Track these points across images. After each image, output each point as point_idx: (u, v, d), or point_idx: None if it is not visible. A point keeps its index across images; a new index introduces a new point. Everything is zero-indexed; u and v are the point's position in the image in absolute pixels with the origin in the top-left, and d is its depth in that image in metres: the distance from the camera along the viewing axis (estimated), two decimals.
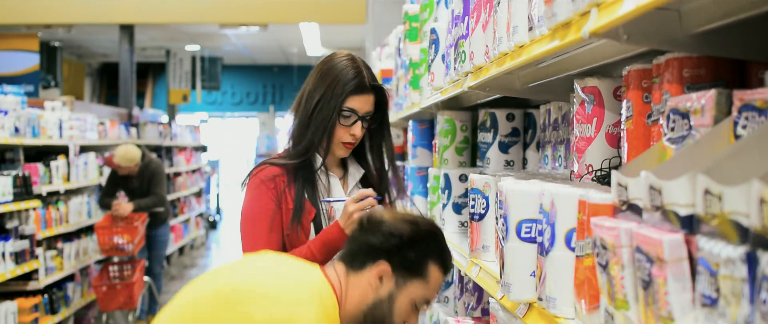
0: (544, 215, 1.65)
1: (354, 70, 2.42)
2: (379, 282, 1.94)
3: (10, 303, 6.02)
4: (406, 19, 3.74)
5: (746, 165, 1.03)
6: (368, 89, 2.43)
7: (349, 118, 2.41)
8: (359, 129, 2.42)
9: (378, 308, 1.95)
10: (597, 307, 1.40)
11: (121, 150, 7.40)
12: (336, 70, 2.43)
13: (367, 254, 1.96)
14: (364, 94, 2.42)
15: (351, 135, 2.42)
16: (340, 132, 2.42)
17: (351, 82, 2.41)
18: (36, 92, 10.45)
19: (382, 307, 1.95)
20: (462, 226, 2.98)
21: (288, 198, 2.39)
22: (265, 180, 2.38)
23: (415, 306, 1.98)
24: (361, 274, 1.96)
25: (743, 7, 1.24)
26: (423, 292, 1.97)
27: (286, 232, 2.37)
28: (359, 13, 10.19)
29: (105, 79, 18.61)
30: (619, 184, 1.31)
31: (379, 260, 1.94)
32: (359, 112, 2.42)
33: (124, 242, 7.27)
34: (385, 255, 1.94)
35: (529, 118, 2.81)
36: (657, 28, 1.38)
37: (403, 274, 1.95)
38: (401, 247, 1.95)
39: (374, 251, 1.95)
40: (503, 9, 1.96)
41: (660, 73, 1.47)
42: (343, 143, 2.44)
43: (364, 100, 2.42)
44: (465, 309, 2.97)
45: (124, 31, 11.58)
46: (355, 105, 2.41)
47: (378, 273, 1.94)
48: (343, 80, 2.41)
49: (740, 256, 0.90)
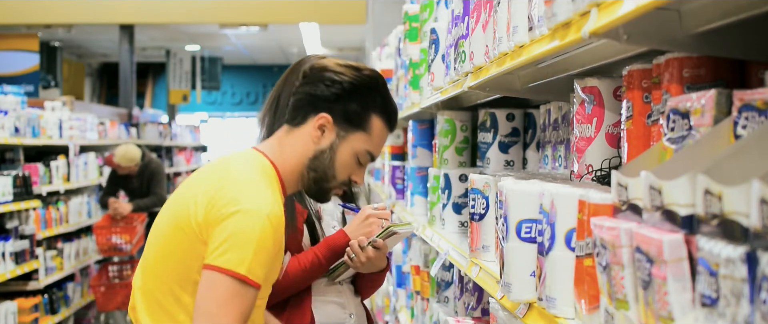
0: (544, 215, 1.65)
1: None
2: (320, 133, 1.94)
3: (10, 303, 6.02)
4: (406, 19, 3.74)
5: (746, 165, 1.03)
6: None
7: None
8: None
9: (319, 159, 1.95)
10: (597, 307, 1.40)
11: (122, 150, 7.39)
12: None
13: (309, 105, 1.95)
14: None
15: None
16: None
17: None
18: (36, 92, 10.45)
19: (323, 158, 1.95)
20: (462, 226, 2.98)
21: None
22: None
23: (358, 159, 1.97)
24: (302, 128, 1.95)
25: (743, 7, 1.24)
26: (365, 145, 1.97)
27: None
28: (359, 13, 10.19)
29: (105, 79, 18.62)
30: (619, 184, 1.31)
31: (320, 112, 1.94)
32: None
33: (122, 242, 7.27)
34: (326, 106, 1.94)
35: (529, 118, 2.81)
36: (657, 28, 1.38)
37: (344, 126, 1.94)
38: (342, 97, 1.94)
39: (315, 102, 1.94)
40: (503, 9, 1.96)
41: (660, 73, 1.47)
42: None
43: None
44: (465, 309, 2.97)
45: (124, 31, 11.58)
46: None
47: (318, 123, 1.94)
48: None
49: (740, 256, 0.90)
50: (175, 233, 1.86)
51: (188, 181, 1.97)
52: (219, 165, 1.94)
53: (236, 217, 1.77)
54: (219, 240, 1.76)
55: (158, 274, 1.89)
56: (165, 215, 1.93)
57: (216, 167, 1.93)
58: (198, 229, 1.81)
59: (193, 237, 1.81)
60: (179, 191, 1.96)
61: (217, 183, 1.84)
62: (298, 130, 1.96)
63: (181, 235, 1.84)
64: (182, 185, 1.99)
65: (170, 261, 1.87)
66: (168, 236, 1.88)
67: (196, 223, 1.81)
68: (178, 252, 1.86)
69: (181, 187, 1.98)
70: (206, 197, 1.82)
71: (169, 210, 1.93)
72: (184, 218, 1.83)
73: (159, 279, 1.88)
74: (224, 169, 1.90)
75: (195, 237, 1.81)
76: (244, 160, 1.94)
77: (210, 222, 1.79)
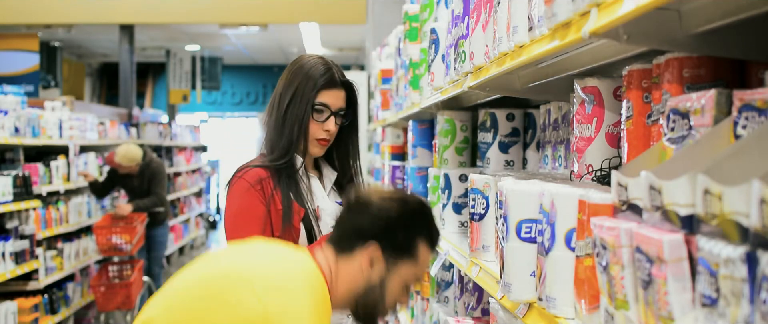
0: (544, 215, 1.65)
1: (324, 66, 2.46)
2: (370, 265, 1.90)
3: (10, 303, 6.02)
4: (406, 19, 3.74)
5: (746, 165, 1.03)
6: (339, 84, 2.47)
7: (322, 114, 2.44)
8: (333, 124, 2.45)
9: (370, 293, 1.91)
10: (597, 307, 1.40)
11: (123, 149, 7.39)
12: (306, 67, 2.46)
13: (356, 237, 1.91)
14: (335, 89, 2.45)
15: (325, 131, 2.44)
16: (314, 128, 2.44)
17: (322, 77, 2.44)
18: (36, 92, 10.45)
19: (374, 292, 1.91)
20: (462, 226, 2.98)
21: (276, 200, 2.39)
22: (253, 183, 2.38)
23: (406, 286, 1.95)
24: (350, 258, 1.91)
25: (743, 7, 1.24)
26: (414, 272, 1.94)
27: (278, 234, 2.37)
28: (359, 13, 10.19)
29: (105, 79, 18.61)
30: (619, 184, 1.31)
31: (368, 242, 1.89)
32: (332, 108, 2.44)
33: (122, 242, 7.27)
34: (374, 237, 1.90)
35: (529, 118, 2.81)
36: (657, 28, 1.38)
37: (393, 256, 1.91)
38: (390, 228, 1.90)
39: (363, 233, 1.90)
40: (503, 9, 1.96)
41: (660, 73, 1.47)
42: (318, 140, 2.45)
43: (336, 95, 2.45)
44: (465, 309, 2.97)
45: (124, 31, 11.58)
46: (328, 100, 2.44)
47: (368, 256, 1.90)
48: (314, 76, 2.44)
49: (740, 256, 0.90)
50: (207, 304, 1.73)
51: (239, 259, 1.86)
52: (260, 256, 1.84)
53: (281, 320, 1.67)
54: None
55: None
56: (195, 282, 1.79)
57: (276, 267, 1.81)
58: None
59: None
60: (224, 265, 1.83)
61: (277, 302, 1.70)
62: (346, 261, 1.91)
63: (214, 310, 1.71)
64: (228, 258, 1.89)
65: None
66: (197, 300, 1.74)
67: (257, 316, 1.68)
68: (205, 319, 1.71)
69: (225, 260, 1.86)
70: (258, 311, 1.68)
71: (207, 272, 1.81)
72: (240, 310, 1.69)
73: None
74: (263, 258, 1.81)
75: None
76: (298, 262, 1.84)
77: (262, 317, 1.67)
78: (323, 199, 2.49)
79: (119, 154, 7.36)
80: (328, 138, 2.46)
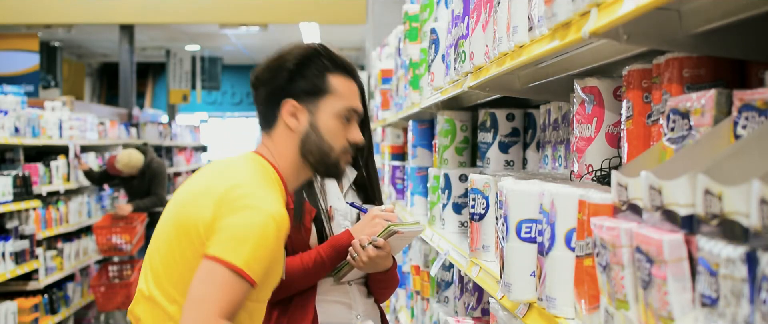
0: (544, 215, 1.65)
1: None
2: (295, 119, 1.96)
3: (10, 303, 6.02)
4: (406, 19, 3.74)
5: (746, 165, 1.03)
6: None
7: None
8: None
9: (308, 142, 1.97)
10: (597, 307, 1.40)
11: (125, 158, 7.36)
12: None
13: (270, 106, 1.98)
14: None
15: None
16: None
17: None
18: (36, 92, 10.45)
19: (311, 138, 1.97)
20: (462, 226, 2.98)
21: (288, 199, 2.39)
22: None
23: (342, 120, 1.99)
24: (277, 126, 1.98)
25: (743, 7, 1.24)
26: (339, 104, 1.98)
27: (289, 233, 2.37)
28: (359, 13, 10.19)
29: (105, 79, 18.62)
30: (619, 184, 1.31)
31: (281, 102, 1.96)
32: None
33: (122, 242, 7.28)
34: (283, 95, 1.96)
35: (529, 118, 2.81)
36: (657, 28, 1.38)
37: (309, 100, 1.96)
38: (292, 78, 1.96)
39: (273, 98, 1.97)
40: (503, 9, 1.96)
41: (660, 73, 1.47)
42: None
43: None
44: (465, 309, 2.97)
45: (124, 31, 11.58)
46: None
47: (288, 113, 1.96)
48: None
49: (740, 256, 0.90)
50: (180, 239, 1.85)
51: (189, 185, 1.97)
52: (223, 167, 1.95)
53: (242, 213, 1.78)
54: (221, 233, 1.78)
55: (163, 283, 1.88)
56: (168, 220, 1.92)
57: (220, 169, 1.94)
58: (205, 231, 1.81)
59: (198, 242, 1.82)
60: (181, 196, 1.95)
61: (223, 184, 1.84)
62: (276, 130, 1.98)
63: (187, 241, 1.84)
64: (183, 189, 1.98)
65: (176, 269, 1.86)
66: (172, 243, 1.87)
67: (204, 226, 1.81)
68: (183, 260, 1.85)
69: (181, 192, 1.97)
70: (213, 199, 1.82)
71: (172, 215, 1.92)
72: (191, 223, 1.83)
73: (163, 287, 1.88)
74: (229, 171, 1.91)
75: (200, 242, 1.81)
76: (248, 162, 1.95)
77: (217, 219, 1.80)
78: (337, 199, 2.48)
79: (121, 162, 7.34)
80: None
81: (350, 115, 2.01)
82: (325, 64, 2.00)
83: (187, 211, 1.87)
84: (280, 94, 1.97)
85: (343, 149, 2.00)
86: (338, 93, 1.99)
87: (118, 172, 7.42)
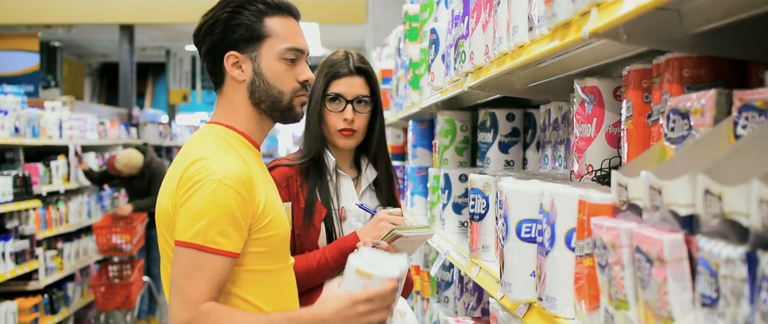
0: (544, 215, 1.65)
1: (340, 57, 2.45)
2: (239, 70, 1.94)
3: (10, 303, 6.02)
4: (406, 19, 3.74)
5: (746, 165, 1.03)
6: (353, 72, 2.43)
7: (337, 103, 2.42)
8: (351, 112, 2.41)
9: (255, 90, 1.94)
10: (597, 307, 1.40)
11: (124, 158, 7.36)
12: (324, 63, 2.48)
13: (213, 63, 1.96)
14: (347, 77, 2.43)
15: (344, 120, 2.41)
16: (332, 119, 2.42)
17: (333, 67, 2.44)
18: (36, 92, 10.45)
19: (257, 86, 1.94)
20: (462, 226, 2.98)
21: (300, 197, 2.39)
22: (278, 181, 2.35)
23: (285, 62, 1.95)
24: (226, 82, 1.96)
25: (743, 7, 1.24)
26: (278, 45, 1.94)
27: (297, 231, 2.36)
28: (359, 13, 10.18)
29: (105, 79, 18.61)
30: (619, 184, 1.31)
31: (223, 58, 1.93)
32: (346, 96, 2.42)
33: (122, 242, 7.27)
34: (224, 49, 1.93)
35: (529, 118, 2.81)
36: (657, 28, 1.38)
37: (249, 48, 1.93)
38: (227, 30, 1.93)
39: (214, 55, 1.94)
40: (503, 9, 1.96)
41: (660, 73, 1.47)
42: (340, 131, 2.42)
43: (350, 82, 2.42)
44: (465, 309, 2.97)
45: (124, 31, 11.58)
46: (340, 89, 2.42)
47: (231, 65, 1.94)
48: (325, 67, 2.45)
49: (740, 256, 0.90)
50: (163, 233, 1.88)
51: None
52: (181, 152, 1.95)
53: (192, 191, 1.78)
54: (181, 217, 1.79)
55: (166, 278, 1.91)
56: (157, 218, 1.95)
57: (179, 156, 1.93)
58: (173, 220, 1.83)
59: (172, 233, 1.84)
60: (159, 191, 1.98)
61: (178, 170, 1.85)
62: (225, 87, 1.96)
63: (167, 234, 1.87)
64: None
65: (167, 264, 1.89)
66: (161, 240, 1.91)
67: (171, 215, 1.83)
68: (166, 254, 1.89)
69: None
70: (172, 187, 1.84)
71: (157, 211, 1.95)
72: (165, 215, 1.86)
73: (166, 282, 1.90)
74: (184, 154, 1.91)
75: (171, 232, 1.84)
76: (200, 137, 1.95)
77: (176, 205, 1.81)
78: (350, 200, 2.47)
79: (121, 162, 7.34)
80: (350, 127, 2.41)
81: (295, 56, 1.96)
82: (260, 8, 1.94)
83: (160, 204, 1.89)
84: (220, 48, 1.93)
85: (293, 91, 1.96)
86: (278, 34, 1.94)
87: (118, 172, 7.42)
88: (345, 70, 2.43)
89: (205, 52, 1.97)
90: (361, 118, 2.43)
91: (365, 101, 2.44)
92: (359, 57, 2.48)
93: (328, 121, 2.43)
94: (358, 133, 2.44)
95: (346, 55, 2.47)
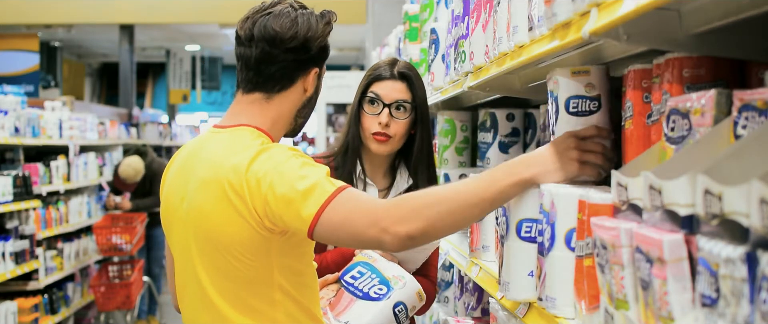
0: (544, 215, 1.65)
1: (385, 62, 2.44)
2: (313, 83, 1.93)
3: (10, 303, 6.02)
4: (406, 19, 3.74)
5: (746, 165, 1.03)
6: (394, 76, 2.39)
7: (374, 105, 2.36)
8: (386, 116, 2.34)
9: (308, 105, 1.95)
10: (597, 307, 1.40)
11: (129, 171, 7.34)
12: (372, 66, 2.46)
13: (294, 70, 1.89)
14: (389, 80, 2.38)
15: (379, 124, 2.34)
16: (367, 121, 2.37)
17: (377, 69, 2.41)
18: (36, 92, 10.45)
19: (312, 102, 1.95)
20: None
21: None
22: None
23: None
24: (292, 90, 1.90)
25: (743, 7, 1.24)
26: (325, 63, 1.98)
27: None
28: (359, 13, 10.18)
29: (105, 79, 18.62)
30: (619, 184, 1.31)
31: (310, 69, 1.91)
32: (384, 99, 2.36)
33: (122, 242, 7.28)
34: (312, 63, 1.91)
35: (529, 118, 2.81)
36: (657, 28, 1.38)
37: (321, 64, 1.95)
38: (323, 48, 1.92)
39: (301, 62, 1.89)
40: (503, 9, 1.96)
41: (660, 73, 1.47)
42: (373, 135, 2.35)
43: (390, 86, 2.37)
44: (465, 309, 2.97)
45: (124, 31, 11.58)
46: (380, 91, 2.37)
47: (312, 79, 1.92)
48: (372, 69, 2.43)
49: (740, 256, 0.90)
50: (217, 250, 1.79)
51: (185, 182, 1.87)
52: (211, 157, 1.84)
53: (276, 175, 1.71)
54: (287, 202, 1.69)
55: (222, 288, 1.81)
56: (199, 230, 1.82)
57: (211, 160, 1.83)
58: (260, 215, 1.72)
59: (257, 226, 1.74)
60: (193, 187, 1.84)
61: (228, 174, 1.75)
62: (283, 94, 1.90)
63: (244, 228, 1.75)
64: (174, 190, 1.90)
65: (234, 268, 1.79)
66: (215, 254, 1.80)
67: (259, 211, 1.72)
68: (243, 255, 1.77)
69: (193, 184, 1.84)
70: (218, 194, 1.75)
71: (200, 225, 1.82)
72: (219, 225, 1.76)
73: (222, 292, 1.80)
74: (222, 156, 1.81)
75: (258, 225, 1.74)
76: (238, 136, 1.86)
77: (265, 206, 1.71)
78: None
79: (128, 176, 7.35)
80: (385, 132, 2.35)
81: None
82: (324, 29, 1.94)
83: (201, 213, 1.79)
84: (308, 63, 1.90)
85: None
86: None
87: (130, 186, 7.46)
88: (387, 73, 2.39)
89: (287, 60, 1.87)
90: (399, 124, 2.36)
91: (405, 107, 2.37)
92: (406, 64, 2.44)
93: (363, 122, 2.38)
94: (394, 139, 2.37)
95: (393, 60, 2.45)
